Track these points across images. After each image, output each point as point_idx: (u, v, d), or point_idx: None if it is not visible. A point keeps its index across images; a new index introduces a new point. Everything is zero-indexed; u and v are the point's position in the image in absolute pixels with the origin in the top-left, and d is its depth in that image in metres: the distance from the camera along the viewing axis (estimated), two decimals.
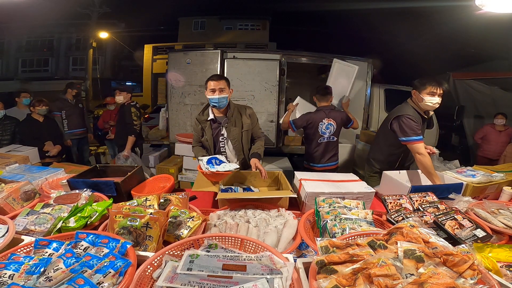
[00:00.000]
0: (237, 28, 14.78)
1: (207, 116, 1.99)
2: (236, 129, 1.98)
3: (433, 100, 1.90)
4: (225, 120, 1.97)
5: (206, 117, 1.99)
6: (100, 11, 13.07)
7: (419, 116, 1.99)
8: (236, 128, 1.98)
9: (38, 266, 0.77)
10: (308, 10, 14.31)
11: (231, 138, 1.99)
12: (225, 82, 1.92)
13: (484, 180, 1.61)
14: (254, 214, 1.28)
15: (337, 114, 2.71)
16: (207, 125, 1.99)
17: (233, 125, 1.97)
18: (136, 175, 1.69)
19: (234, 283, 0.72)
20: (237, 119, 1.99)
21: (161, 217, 1.01)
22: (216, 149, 2.02)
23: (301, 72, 5.09)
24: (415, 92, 1.98)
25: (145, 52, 11.44)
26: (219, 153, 2.01)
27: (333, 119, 2.67)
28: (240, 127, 1.99)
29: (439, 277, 0.64)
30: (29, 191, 1.40)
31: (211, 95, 1.88)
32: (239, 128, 1.98)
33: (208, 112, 2.00)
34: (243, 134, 1.99)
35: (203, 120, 2.00)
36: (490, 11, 1.79)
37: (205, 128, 1.99)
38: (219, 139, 2.01)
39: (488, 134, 4.40)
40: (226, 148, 2.03)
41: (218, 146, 2.02)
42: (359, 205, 1.26)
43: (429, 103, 1.91)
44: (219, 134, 2.00)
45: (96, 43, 13.14)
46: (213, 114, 1.98)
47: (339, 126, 2.69)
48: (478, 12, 1.95)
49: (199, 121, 2.02)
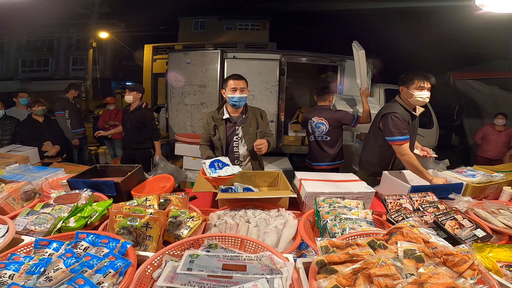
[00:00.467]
0: (237, 28, 14.77)
1: (222, 115, 1.99)
2: (252, 129, 1.99)
3: (422, 95, 1.85)
4: (242, 120, 1.97)
5: (221, 115, 1.99)
6: (100, 11, 13.08)
7: (408, 113, 1.96)
8: (252, 128, 1.99)
9: (38, 266, 0.77)
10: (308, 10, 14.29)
11: (246, 138, 1.99)
12: (245, 82, 1.93)
13: (484, 180, 1.61)
14: (254, 214, 1.28)
15: (331, 115, 2.71)
16: (222, 124, 1.98)
17: (249, 126, 1.98)
18: (136, 175, 1.69)
19: (234, 283, 0.72)
20: (252, 119, 2.00)
21: (161, 217, 1.01)
22: (228, 149, 2.02)
23: (301, 72, 5.10)
24: (403, 88, 1.94)
25: (145, 52, 11.42)
26: (232, 152, 2.01)
27: (325, 119, 2.68)
28: (255, 127, 2.00)
29: (439, 277, 0.64)
30: (29, 191, 1.40)
31: (232, 94, 1.88)
32: (254, 129, 1.99)
33: (223, 111, 2.00)
34: (257, 134, 2.00)
35: (217, 119, 1.99)
36: (490, 11, 1.79)
37: (219, 126, 1.98)
38: (233, 138, 2.00)
39: (488, 134, 4.40)
40: (240, 148, 2.02)
41: (231, 145, 2.02)
42: (359, 205, 1.26)
43: (419, 98, 1.86)
44: (233, 134, 2.00)
45: (96, 43, 13.13)
46: (228, 114, 1.98)
47: (333, 126, 2.69)
48: (478, 12, 1.95)
49: (214, 119, 2.00)
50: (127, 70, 17.54)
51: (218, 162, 1.60)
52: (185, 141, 3.59)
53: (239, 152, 2.03)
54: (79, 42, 16.52)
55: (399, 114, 1.90)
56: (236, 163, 2.03)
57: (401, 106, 1.97)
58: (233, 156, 2.02)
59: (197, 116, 3.95)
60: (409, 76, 1.90)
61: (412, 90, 1.88)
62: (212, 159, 1.70)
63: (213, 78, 3.82)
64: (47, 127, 3.09)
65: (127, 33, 15.09)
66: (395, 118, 1.89)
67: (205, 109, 3.91)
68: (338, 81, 4.02)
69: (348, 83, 4.00)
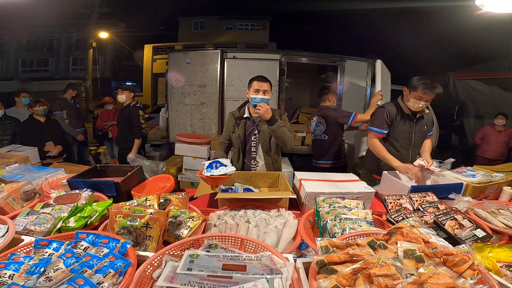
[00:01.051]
0: (237, 28, 14.78)
1: (243, 113, 2.05)
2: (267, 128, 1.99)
3: (417, 104, 1.90)
4: (261, 119, 1.98)
5: (242, 114, 2.05)
6: (100, 11, 13.09)
7: (400, 112, 2.01)
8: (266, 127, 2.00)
9: (38, 266, 0.77)
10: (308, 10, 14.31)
11: (261, 137, 2.02)
12: (269, 84, 1.95)
13: (484, 180, 1.61)
14: (254, 214, 1.28)
15: (328, 113, 2.77)
16: (242, 122, 2.03)
17: (265, 124, 1.99)
18: (136, 175, 1.69)
19: (234, 283, 0.72)
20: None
21: (161, 217, 1.01)
22: (246, 147, 2.07)
23: (301, 72, 5.09)
24: (406, 90, 1.97)
25: (145, 52, 11.42)
26: (249, 152, 2.07)
27: (323, 118, 2.74)
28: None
29: (439, 277, 0.64)
30: (29, 191, 1.40)
31: (255, 94, 1.90)
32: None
33: (244, 110, 2.06)
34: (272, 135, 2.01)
35: (238, 117, 2.05)
36: (490, 11, 1.79)
37: (239, 125, 2.04)
38: (251, 138, 2.05)
39: (488, 134, 4.40)
40: (258, 148, 2.06)
41: (249, 144, 2.06)
42: (359, 205, 1.26)
43: (413, 105, 1.93)
44: (252, 133, 2.04)
45: (96, 43, 13.14)
46: (249, 113, 2.03)
47: (330, 125, 2.74)
48: (478, 12, 1.95)
49: (234, 117, 2.06)
50: (127, 70, 17.55)
51: (216, 163, 1.59)
52: (185, 141, 3.59)
53: (256, 152, 2.07)
54: (79, 42, 16.53)
55: (385, 110, 2.01)
56: (253, 163, 2.08)
57: (397, 104, 2.03)
58: (250, 155, 2.07)
59: (197, 116, 3.95)
60: (417, 83, 1.88)
61: (412, 96, 1.92)
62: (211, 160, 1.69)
63: (213, 78, 3.82)
64: (48, 127, 3.09)
65: (127, 33, 15.11)
66: (379, 111, 2.03)
67: (205, 109, 3.91)
68: (338, 81, 4.01)
69: (348, 83, 4.00)
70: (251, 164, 2.08)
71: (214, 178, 1.49)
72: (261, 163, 2.08)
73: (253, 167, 2.08)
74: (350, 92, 4.02)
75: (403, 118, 2.02)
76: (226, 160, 1.62)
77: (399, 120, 2.03)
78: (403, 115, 2.02)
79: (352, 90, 4.02)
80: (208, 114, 3.91)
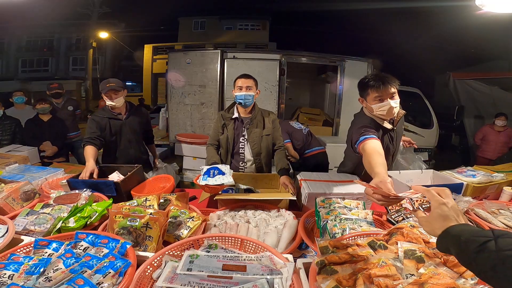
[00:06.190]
0: (237, 28, 14.79)
1: (231, 114, 1.99)
2: (258, 131, 1.97)
3: (383, 106, 1.46)
4: (248, 120, 1.96)
5: (231, 115, 1.99)
6: (100, 11, 13.09)
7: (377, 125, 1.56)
8: (258, 130, 1.97)
9: (37, 266, 0.77)
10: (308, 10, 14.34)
11: (250, 140, 1.97)
12: (253, 81, 1.92)
13: (484, 180, 1.60)
14: (254, 214, 1.28)
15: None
16: (231, 123, 1.98)
17: (255, 127, 1.97)
18: (136, 175, 1.69)
19: (234, 283, 0.72)
20: (259, 122, 1.98)
21: (161, 217, 1.01)
22: (234, 149, 2.01)
23: (301, 72, 5.09)
24: (361, 99, 1.59)
25: (145, 52, 11.44)
26: (237, 154, 2.00)
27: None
28: (261, 129, 1.98)
29: (440, 277, 0.64)
30: (29, 191, 1.39)
31: (238, 92, 1.88)
32: (259, 130, 1.97)
33: (233, 111, 2.00)
34: (263, 138, 1.98)
35: (227, 118, 1.99)
36: (490, 11, 1.78)
37: (227, 125, 1.98)
38: (240, 139, 2.00)
39: (487, 135, 4.40)
40: (245, 149, 2.01)
41: (237, 146, 2.01)
42: (359, 206, 1.26)
43: (380, 111, 1.49)
44: (240, 134, 1.99)
45: (96, 43, 13.13)
46: (237, 113, 1.98)
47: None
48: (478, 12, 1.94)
49: (223, 118, 2.00)
50: (127, 70, 17.57)
51: (214, 169, 1.51)
52: (185, 141, 3.59)
53: (245, 154, 2.02)
54: (79, 42, 16.55)
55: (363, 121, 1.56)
56: (241, 164, 2.02)
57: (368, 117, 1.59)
58: (238, 157, 2.02)
59: (197, 116, 3.95)
60: (362, 86, 1.54)
61: (370, 103, 1.52)
62: (210, 166, 1.60)
63: (213, 78, 3.82)
64: (49, 127, 3.09)
65: (127, 33, 15.13)
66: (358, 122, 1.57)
67: (205, 109, 3.91)
68: (338, 81, 4.02)
69: (348, 83, 4.00)
70: (239, 166, 2.02)
71: (209, 187, 1.45)
72: (250, 164, 2.02)
73: (241, 168, 2.01)
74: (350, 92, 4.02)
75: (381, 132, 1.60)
76: (225, 167, 1.55)
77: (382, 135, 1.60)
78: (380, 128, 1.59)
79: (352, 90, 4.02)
80: (208, 114, 3.91)
